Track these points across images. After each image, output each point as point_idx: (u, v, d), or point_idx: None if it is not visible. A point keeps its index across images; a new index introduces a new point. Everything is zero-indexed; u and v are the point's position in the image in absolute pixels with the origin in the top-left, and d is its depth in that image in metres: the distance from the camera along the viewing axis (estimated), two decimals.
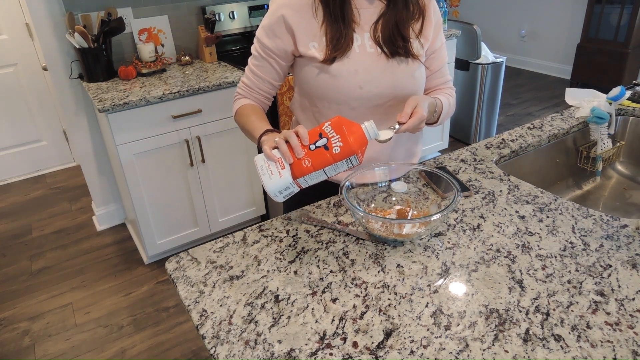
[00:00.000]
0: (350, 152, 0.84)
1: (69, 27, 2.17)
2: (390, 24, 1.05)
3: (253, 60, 1.14)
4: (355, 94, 1.07)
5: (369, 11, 1.06)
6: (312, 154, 0.85)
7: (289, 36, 1.06)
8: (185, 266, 0.91)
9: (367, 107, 1.10)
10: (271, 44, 1.08)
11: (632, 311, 0.74)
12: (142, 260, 2.44)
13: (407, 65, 1.08)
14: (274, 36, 1.07)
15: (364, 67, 1.06)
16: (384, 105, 1.11)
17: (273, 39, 1.07)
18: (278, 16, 1.05)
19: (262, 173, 0.86)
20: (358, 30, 1.06)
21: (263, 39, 1.09)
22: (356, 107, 1.09)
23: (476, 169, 1.20)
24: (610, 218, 0.98)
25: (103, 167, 2.60)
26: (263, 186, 0.86)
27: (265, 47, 1.09)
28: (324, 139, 0.85)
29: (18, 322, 2.09)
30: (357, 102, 1.08)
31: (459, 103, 3.42)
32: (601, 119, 1.37)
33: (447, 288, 0.81)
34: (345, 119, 0.87)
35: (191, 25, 2.56)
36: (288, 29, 1.05)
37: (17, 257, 2.54)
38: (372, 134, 0.89)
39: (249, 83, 1.16)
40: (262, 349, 0.71)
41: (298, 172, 0.84)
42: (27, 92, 3.25)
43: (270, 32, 1.07)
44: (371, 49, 1.06)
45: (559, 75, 4.92)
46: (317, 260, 0.90)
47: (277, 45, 1.08)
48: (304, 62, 1.09)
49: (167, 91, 2.04)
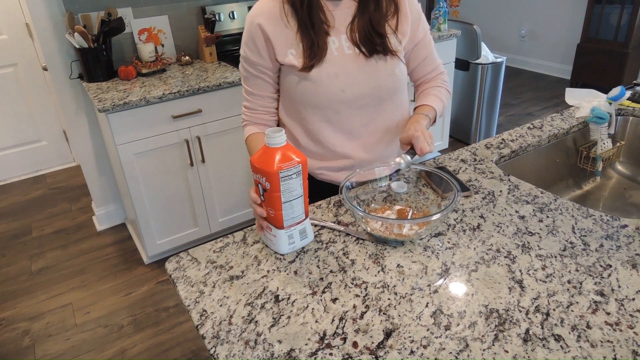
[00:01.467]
0: (272, 173, 0.83)
1: (69, 27, 2.17)
2: (365, 23, 1.05)
3: (245, 82, 1.14)
4: (338, 97, 1.07)
5: (343, 12, 1.06)
6: (267, 202, 0.88)
7: (269, 45, 1.06)
8: (185, 266, 0.91)
9: (352, 109, 1.10)
10: (256, 57, 1.08)
11: (632, 311, 0.74)
12: (142, 260, 2.44)
13: (386, 63, 1.08)
14: (256, 49, 1.07)
15: (344, 69, 1.06)
16: (367, 106, 1.11)
17: (256, 53, 1.07)
18: (255, 27, 1.05)
19: (268, 245, 0.94)
20: (334, 33, 1.06)
21: (248, 55, 1.09)
22: (340, 110, 1.09)
23: (476, 169, 1.20)
24: (610, 218, 0.98)
25: (103, 167, 2.60)
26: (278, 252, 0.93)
27: (252, 62, 1.09)
28: (259, 185, 0.87)
29: (18, 322, 2.09)
30: (340, 105, 1.09)
31: (459, 103, 3.42)
32: (601, 119, 1.37)
33: (447, 288, 0.81)
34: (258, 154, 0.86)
35: (191, 25, 2.56)
36: (266, 38, 1.05)
37: (17, 257, 2.55)
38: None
39: (249, 105, 1.16)
40: (262, 349, 0.71)
41: (278, 223, 0.89)
42: (27, 92, 3.25)
43: (252, 46, 1.07)
44: (349, 50, 1.06)
45: (559, 75, 4.92)
46: (317, 260, 0.90)
47: (262, 56, 1.07)
48: (285, 70, 1.09)
49: (167, 91, 2.04)
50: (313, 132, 1.13)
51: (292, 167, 0.84)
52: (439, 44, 2.81)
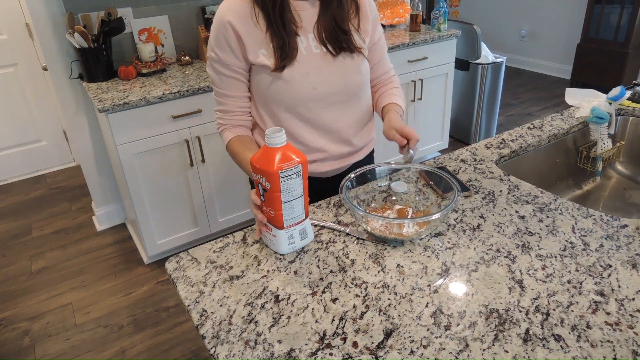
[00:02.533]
0: (272, 173, 0.83)
1: (69, 27, 2.17)
2: (330, 21, 1.08)
3: (218, 85, 1.12)
4: (310, 95, 1.09)
5: (309, 12, 1.08)
6: (267, 202, 0.88)
7: (241, 44, 1.05)
8: (185, 266, 0.91)
9: (322, 107, 1.12)
10: (230, 57, 1.06)
11: (632, 311, 0.74)
12: (142, 260, 2.44)
13: (352, 61, 1.12)
14: (229, 48, 1.05)
15: (314, 68, 1.08)
16: (337, 103, 1.13)
17: (229, 53, 1.06)
18: (224, 24, 1.03)
19: (268, 245, 0.94)
20: (302, 32, 1.08)
21: (220, 56, 1.07)
22: (312, 108, 1.11)
23: (476, 169, 1.20)
24: (610, 218, 0.98)
25: (103, 167, 2.60)
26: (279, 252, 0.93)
27: (225, 63, 1.07)
28: (259, 185, 0.87)
29: (18, 322, 2.09)
30: (312, 103, 1.10)
31: (459, 103, 3.42)
32: (601, 119, 1.37)
33: (447, 288, 0.81)
34: (257, 154, 0.87)
35: (191, 25, 2.56)
36: (237, 37, 1.04)
37: (17, 257, 2.54)
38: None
39: (225, 108, 1.14)
40: (262, 349, 0.71)
41: (278, 223, 0.88)
42: (27, 92, 3.25)
43: (225, 45, 1.05)
44: (317, 49, 1.09)
45: (559, 75, 4.92)
46: (317, 260, 0.90)
47: (236, 56, 1.06)
48: (256, 70, 1.09)
49: (167, 91, 2.04)
50: (286, 129, 1.14)
51: (292, 167, 0.84)
52: (439, 44, 2.82)
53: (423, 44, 2.72)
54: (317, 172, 1.20)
